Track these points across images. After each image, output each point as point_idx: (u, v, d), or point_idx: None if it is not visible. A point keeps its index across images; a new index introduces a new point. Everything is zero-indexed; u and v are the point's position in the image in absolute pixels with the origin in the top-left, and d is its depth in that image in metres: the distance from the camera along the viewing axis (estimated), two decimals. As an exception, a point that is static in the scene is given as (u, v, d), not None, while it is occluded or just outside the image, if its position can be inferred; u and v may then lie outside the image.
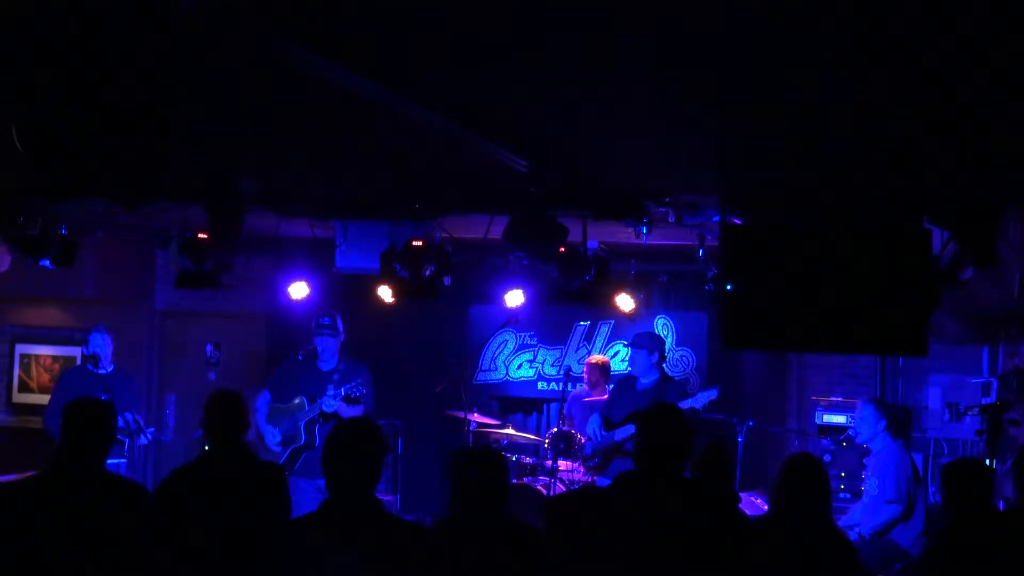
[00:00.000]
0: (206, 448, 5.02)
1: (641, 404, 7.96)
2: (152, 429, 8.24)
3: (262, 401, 7.77)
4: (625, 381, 8.37)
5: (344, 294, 9.77)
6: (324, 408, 7.44)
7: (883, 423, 7.25)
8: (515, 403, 10.57)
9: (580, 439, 8.52)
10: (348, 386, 7.46)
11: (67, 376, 8.54)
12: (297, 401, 7.64)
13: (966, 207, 6.13)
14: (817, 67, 4.29)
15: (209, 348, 10.66)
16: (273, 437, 7.58)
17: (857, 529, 7.15)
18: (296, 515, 4.78)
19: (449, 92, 4.90)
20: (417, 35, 4.14)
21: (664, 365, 8.26)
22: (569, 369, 9.49)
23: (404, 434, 9.95)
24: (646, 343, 8.05)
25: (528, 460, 8.94)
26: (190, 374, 10.56)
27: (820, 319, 5.74)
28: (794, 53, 4.13)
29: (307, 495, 7.07)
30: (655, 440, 4.17)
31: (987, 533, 4.68)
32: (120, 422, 7.93)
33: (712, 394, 7.77)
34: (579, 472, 8.61)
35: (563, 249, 7.33)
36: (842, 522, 7.07)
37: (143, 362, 10.20)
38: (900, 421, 8.08)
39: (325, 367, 7.84)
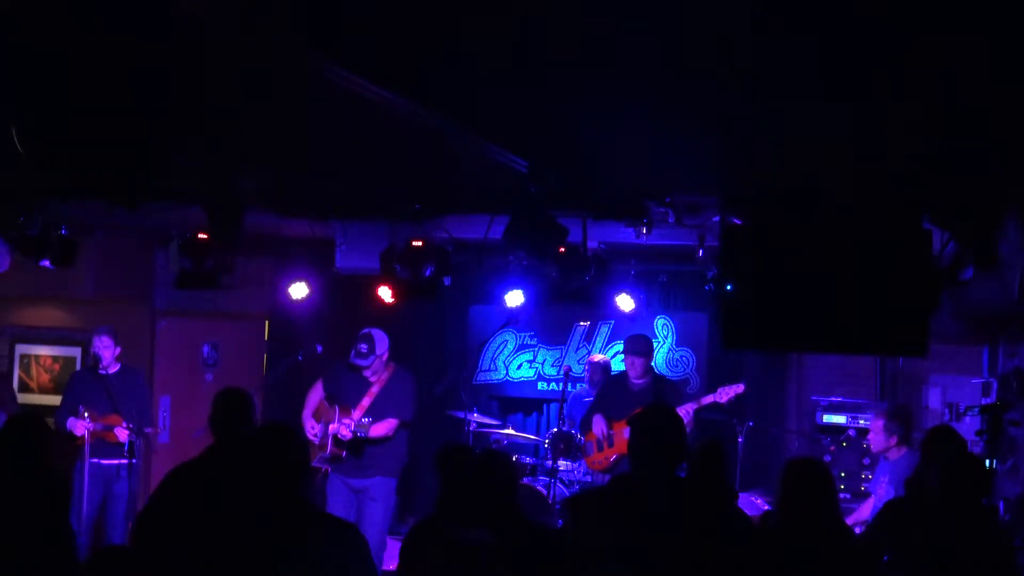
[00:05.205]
0: (211, 444, 5.06)
1: (640, 403, 7.99)
2: (149, 429, 8.22)
3: (316, 394, 7.79)
4: (618, 378, 8.36)
5: (344, 294, 9.76)
6: (339, 435, 7.44)
7: (894, 438, 7.11)
8: (515, 403, 10.56)
9: (580, 439, 8.53)
10: (358, 423, 7.42)
11: (73, 378, 8.58)
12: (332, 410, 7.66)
13: (966, 207, 6.13)
14: (817, 68, 4.29)
15: (206, 348, 10.65)
16: (312, 431, 7.58)
17: None
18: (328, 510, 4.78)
19: (449, 92, 4.90)
20: (417, 35, 4.14)
21: (653, 363, 8.30)
22: (569, 369, 9.49)
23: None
24: (641, 349, 8.09)
25: (528, 460, 8.95)
26: (188, 374, 10.56)
27: (820, 319, 5.74)
28: (794, 53, 4.14)
29: (335, 487, 7.59)
30: (650, 440, 4.17)
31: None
32: (124, 423, 7.97)
33: (738, 388, 7.86)
34: (579, 472, 8.61)
35: (563, 249, 7.33)
36: (850, 519, 7.07)
37: (143, 362, 10.19)
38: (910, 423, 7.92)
39: (373, 377, 7.80)
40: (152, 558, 4.44)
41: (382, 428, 7.51)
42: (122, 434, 7.98)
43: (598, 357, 9.54)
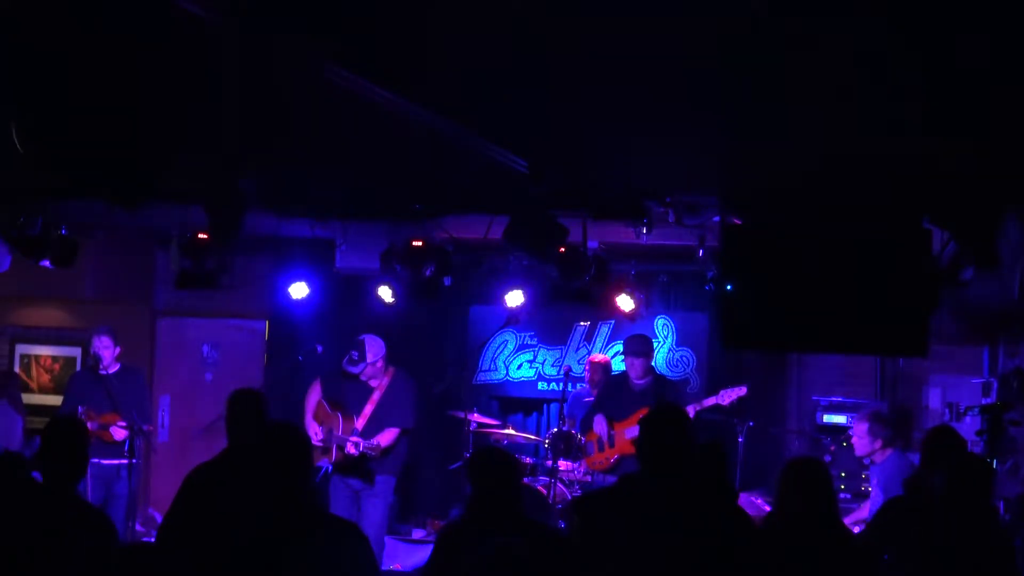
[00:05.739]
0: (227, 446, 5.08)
1: (641, 403, 7.98)
2: (147, 427, 8.20)
3: (313, 396, 7.76)
4: (620, 379, 8.36)
5: (344, 294, 9.76)
6: (346, 451, 7.41)
7: (879, 442, 7.06)
8: (515, 403, 10.55)
9: (580, 439, 8.52)
10: (367, 444, 7.40)
11: (74, 379, 8.58)
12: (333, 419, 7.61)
13: (966, 207, 6.13)
14: (817, 67, 4.29)
15: (206, 348, 10.65)
16: (316, 435, 7.53)
17: None
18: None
19: (449, 92, 4.90)
20: (418, 35, 4.14)
21: (653, 363, 8.29)
22: (569, 369, 9.48)
23: (404, 434, 9.94)
24: (641, 349, 8.06)
25: (528, 460, 8.95)
26: (188, 374, 10.57)
27: (820, 319, 5.74)
28: (794, 53, 4.14)
29: (336, 487, 7.56)
30: (659, 441, 4.17)
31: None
32: (123, 421, 7.97)
33: (741, 391, 7.85)
34: (579, 472, 8.61)
35: (563, 249, 7.33)
36: (849, 519, 7.06)
37: (143, 362, 10.19)
38: (901, 425, 7.89)
39: (373, 383, 7.77)
40: (165, 559, 4.44)
41: (384, 439, 7.48)
42: (118, 433, 7.98)
43: (599, 357, 9.54)
